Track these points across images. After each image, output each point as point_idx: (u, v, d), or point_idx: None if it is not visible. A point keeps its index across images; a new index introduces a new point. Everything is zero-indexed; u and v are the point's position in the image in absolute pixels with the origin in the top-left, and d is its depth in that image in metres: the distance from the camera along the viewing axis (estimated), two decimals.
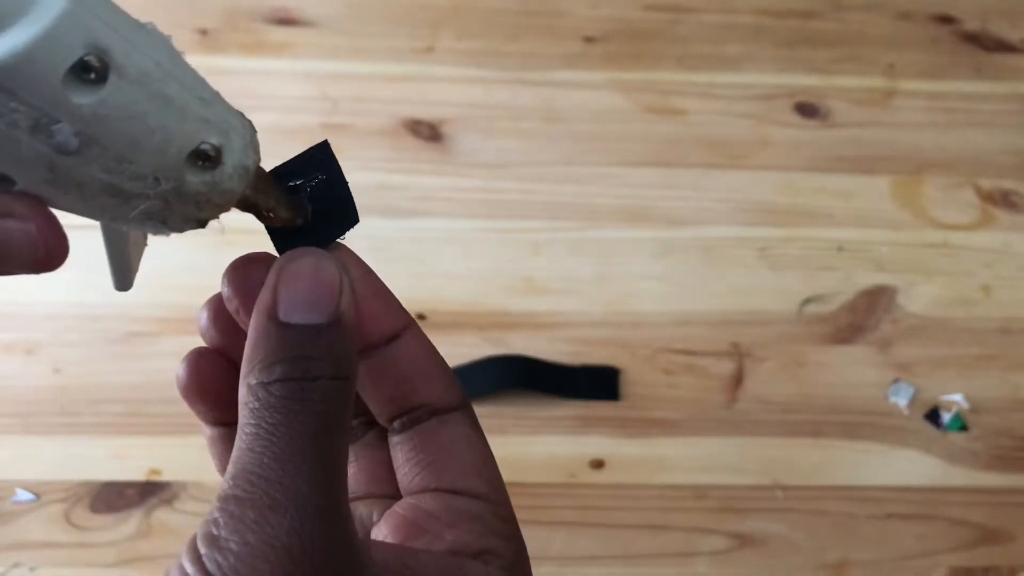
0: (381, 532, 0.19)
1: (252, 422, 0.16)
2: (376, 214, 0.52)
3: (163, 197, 0.17)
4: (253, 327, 0.18)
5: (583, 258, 0.51)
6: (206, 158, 0.17)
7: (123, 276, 0.21)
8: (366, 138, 0.56)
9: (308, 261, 0.18)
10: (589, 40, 0.63)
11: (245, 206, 0.19)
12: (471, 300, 0.49)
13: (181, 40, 0.18)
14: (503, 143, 0.56)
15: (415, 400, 0.20)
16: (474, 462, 0.20)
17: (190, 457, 0.43)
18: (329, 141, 0.21)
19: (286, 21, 0.63)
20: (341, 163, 0.21)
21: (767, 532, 0.42)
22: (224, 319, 0.20)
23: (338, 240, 0.20)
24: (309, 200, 0.20)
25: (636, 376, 0.47)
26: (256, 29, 0.62)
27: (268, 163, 0.49)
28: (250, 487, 0.16)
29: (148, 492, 0.42)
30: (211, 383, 0.20)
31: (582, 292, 0.50)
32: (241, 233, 0.58)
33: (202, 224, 0.18)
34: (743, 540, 0.42)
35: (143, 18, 0.17)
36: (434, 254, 0.51)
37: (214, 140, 0.17)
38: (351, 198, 0.21)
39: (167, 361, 0.46)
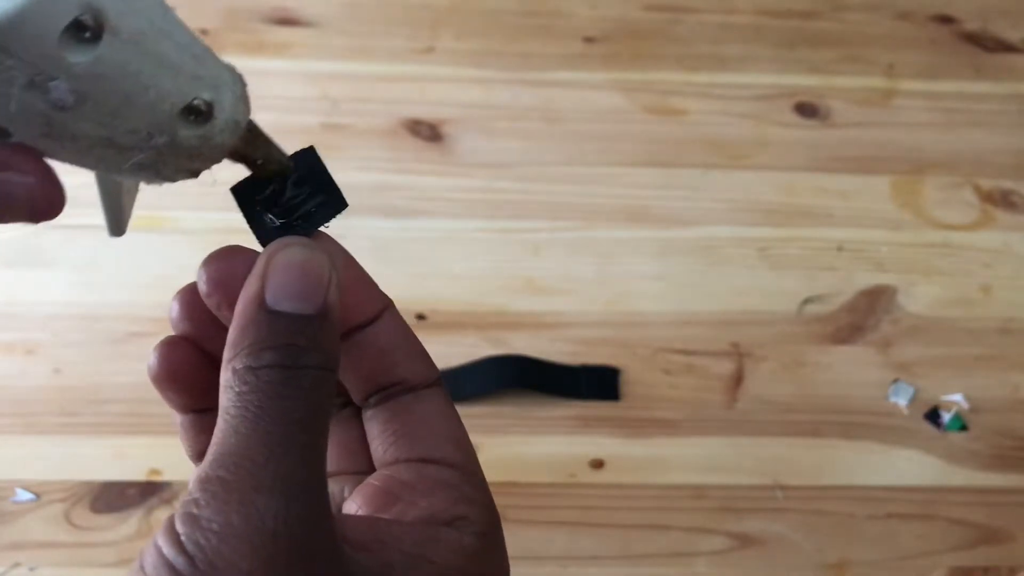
0: (353, 505, 0.19)
1: (238, 405, 0.16)
2: (376, 214, 0.52)
3: (156, 150, 0.17)
4: (240, 313, 0.17)
5: (583, 258, 0.51)
6: (198, 113, 0.17)
7: (116, 222, 0.21)
8: (366, 138, 0.56)
9: (297, 251, 0.18)
10: (589, 40, 0.63)
11: (236, 157, 0.20)
12: (471, 300, 0.49)
13: None
14: (503, 143, 0.56)
15: (393, 377, 0.20)
16: (448, 433, 0.21)
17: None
18: (317, 146, 0.21)
19: (286, 21, 0.63)
20: (342, 163, 0.21)
21: (767, 532, 0.42)
22: (196, 309, 0.20)
23: (321, 228, 0.20)
24: (293, 186, 0.20)
25: (636, 376, 0.47)
26: (256, 29, 0.62)
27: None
28: (235, 468, 0.16)
29: (148, 492, 0.42)
30: (183, 371, 0.20)
31: (582, 292, 0.50)
32: (241, 233, 0.58)
33: (195, 174, 0.19)
34: (743, 540, 0.42)
35: None
36: (434, 254, 0.51)
37: (206, 96, 0.17)
38: (334, 184, 0.20)
39: None
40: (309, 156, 0.21)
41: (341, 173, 0.62)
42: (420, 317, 0.48)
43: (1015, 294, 0.51)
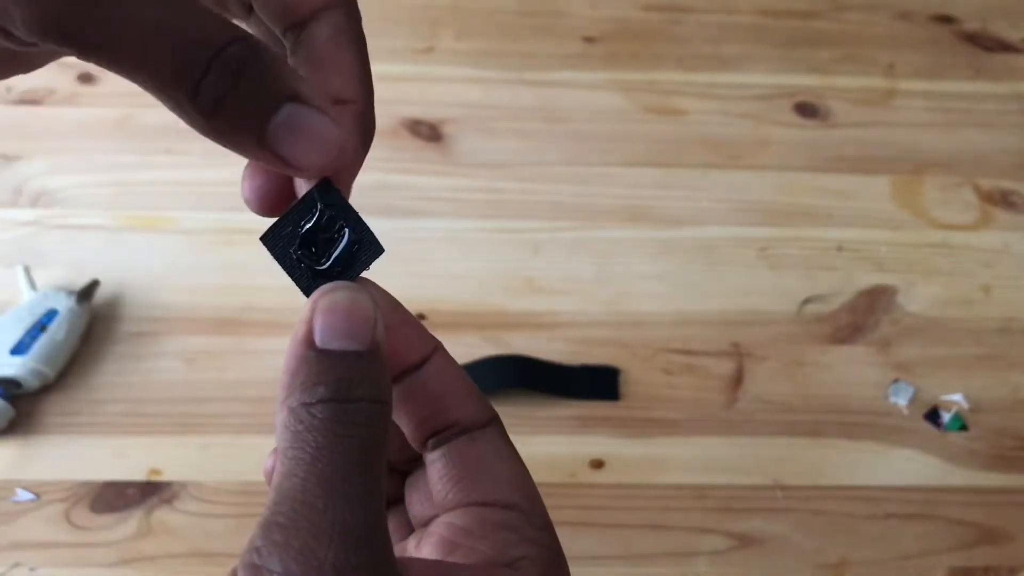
0: (419, 554, 0.20)
1: (295, 446, 0.16)
2: (376, 214, 0.52)
3: None
4: (290, 356, 0.18)
5: (583, 258, 0.51)
6: None
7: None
8: None
9: (342, 294, 0.18)
10: (589, 40, 0.63)
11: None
12: (471, 300, 0.49)
13: None
14: (503, 143, 0.56)
15: (447, 420, 0.21)
16: (505, 474, 0.20)
17: (190, 457, 0.43)
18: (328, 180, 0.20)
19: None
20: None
21: (767, 532, 0.42)
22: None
23: (363, 274, 0.20)
24: (323, 227, 0.19)
25: (636, 376, 0.47)
26: None
27: None
28: (293, 514, 0.16)
29: (148, 492, 0.42)
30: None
31: (582, 292, 0.50)
32: (241, 233, 0.58)
33: None
34: (743, 540, 0.42)
35: None
36: (434, 254, 0.51)
37: None
38: (368, 229, 0.20)
39: (167, 361, 0.46)
40: (332, 194, 0.19)
41: None
42: (420, 317, 0.48)
43: (1015, 294, 0.51)
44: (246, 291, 0.48)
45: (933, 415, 0.46)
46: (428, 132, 0.57)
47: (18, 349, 0.43)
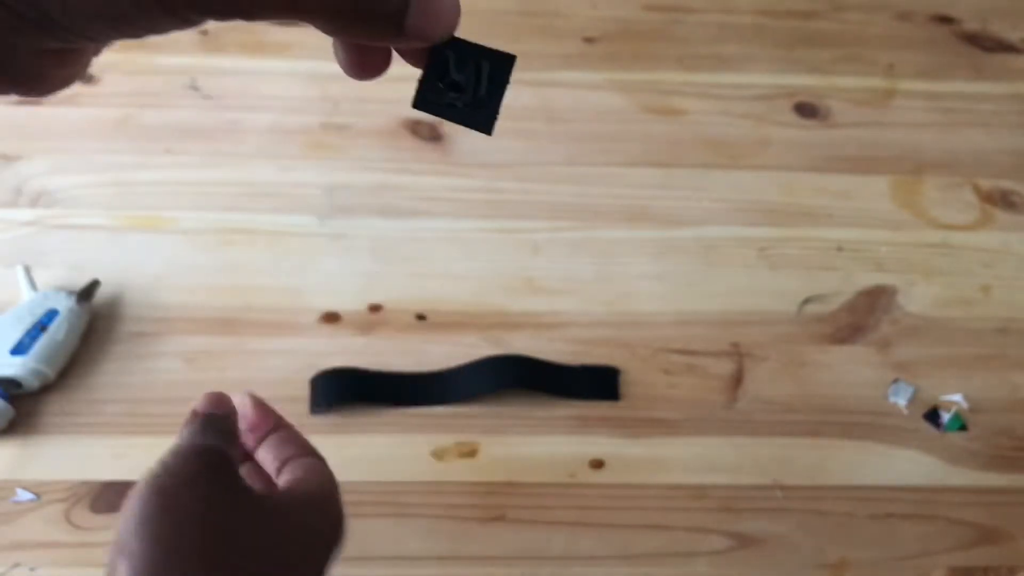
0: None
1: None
2: (376, 214, 0.52)
3: None
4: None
5: (583, 258, 0.51)
6: None
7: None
8: (366, 138, 0.56)
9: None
10: (589, 40, 0.63)
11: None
12: (471, 300, 0.49)
13: (181, 41, 0.18)
14: (503, 143, 0.56)
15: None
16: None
17: None
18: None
19: (287, 22, 0.63)
20: (342, 163, 0.21)
21: (767, 532, 0.42)
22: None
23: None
24: (457, 71, 0.21)
25: (636, 376, 0.47)
26: (257, 29, 0.62)
27: (265, 168, 0.49)
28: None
29: None
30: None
31: (582, 292, 0.50)
32: (239, 232, 0.58)
33: None
34: (743, 540, 0.42)
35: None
36: (434, 254, 0.51)
37: None
38: (494, 50, 0.21)
39: (168, 361, 0.46)
40: (459, 44, 0.21)
41: (342, 173, 0.62)
42: (420, 317, 0.48)
43: (1014, 294, 0.51)
44: (246, 291, 0.48)
45: (933, 415, 0.46)
46: (428, 132, 0.57)
47: (18, 349, 0.43)
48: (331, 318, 0.48)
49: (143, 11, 0.17)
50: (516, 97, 0.59)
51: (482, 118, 0.20)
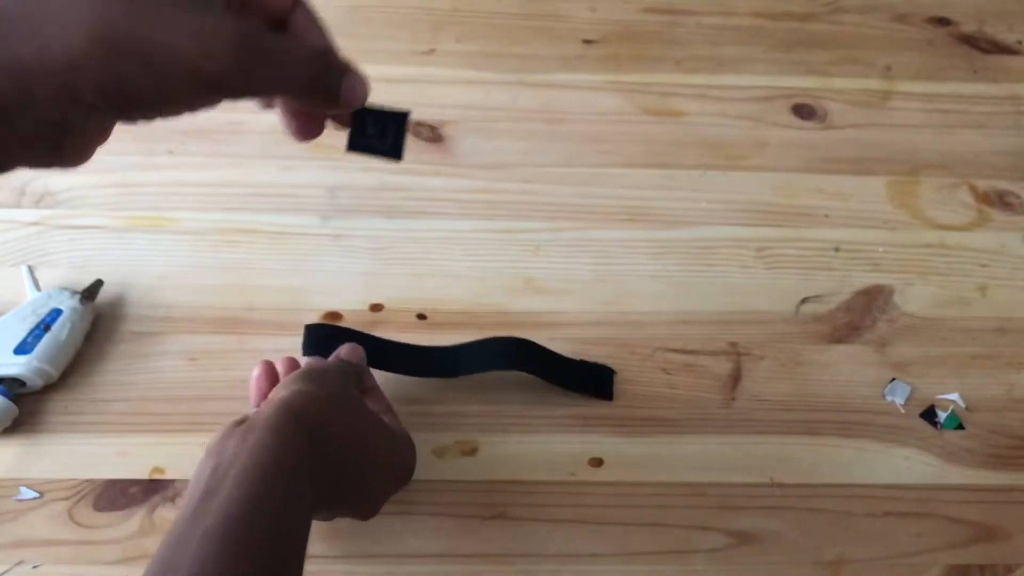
0: None
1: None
2: (377, 214, 0.53)
3: None
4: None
5: (582, 258, 0.52)
6: None
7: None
8: None
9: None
10: (588, 42, 0.63)
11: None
12: (471, 300, 0.49)
13: None
14: (503, 144, 0.57)
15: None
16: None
17: (193, 455, 0.43)
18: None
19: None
20: (343, 163, 0.25)
21: (764, 530, 0.43)
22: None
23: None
24: (373, 126, 0.30)
25: (635, 375, 0.47)
26: None
27: (267, 169, 0.50)
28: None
29: (151, 490, 0.42)
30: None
31: (581, 292, 0.50)
32: (242, 232, 0.58)
33: None
34: (741, 538, 0.42)
35: None
36: (435, 254, 0.51)
37: None
38: (395, 110, 0.30)
39: (170, 360, 0.46)
40: (373, 108, 0.30)
41: (343, 173, 0.62)
42: (420, 317, 0.49)
43: (1011, 294, 0.52)
44: (248, 291, 0.49)
45: (929, 414, 0.47)
46: (429, 133, 0.57)
47: (22, 348, 0.44)
48: (333, 317, 0.48)
49: (196, 94, 0.25)
50: (516, 98, 0.59)
51: (393, 151, 0.30)
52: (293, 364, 0.41)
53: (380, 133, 0.30)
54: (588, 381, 0.46)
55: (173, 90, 0.24)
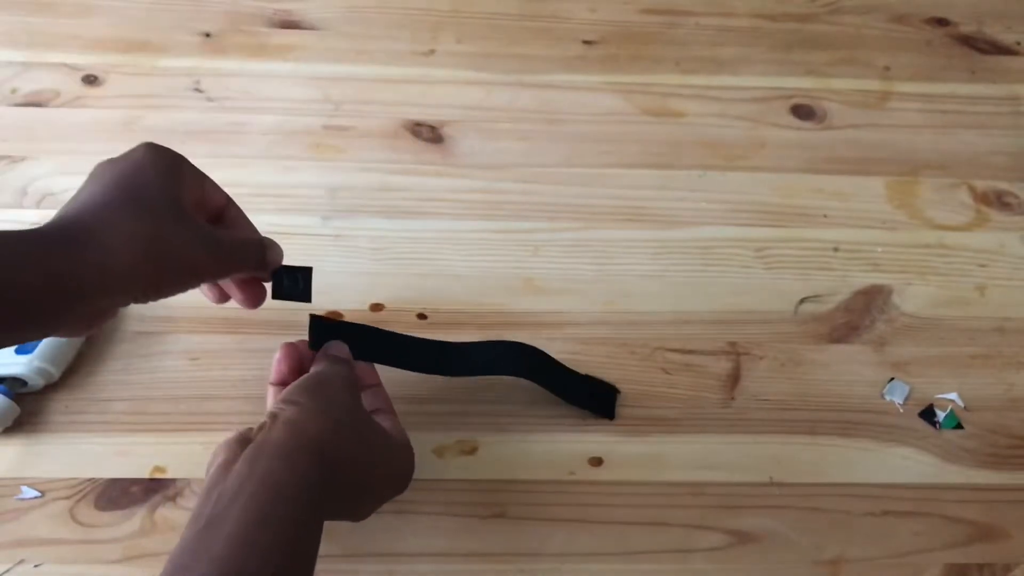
0: None
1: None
2: (377, 215, 0.53)
3: None
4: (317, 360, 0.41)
5: (582, 258, 0.52)
6: None
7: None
8: (368, 140, 0.57)
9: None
10: (588, 43, 0.63)
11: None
12: (471, 300, 0.50)
13: (185, 44, 0.18)
14: (503, 145, 0.57)
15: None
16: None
17: (194, 455, 0.43)
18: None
19: (289, 24, 0.63)
20: (344, 164, 0.26)
21: (764, 529, 0.43)
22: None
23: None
24: (287, 278, 0.41)
25: (634, 375, 0.47)
26: (259, 32, 0.63)
27: (268, 169, 0.50)
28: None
29: (152, 489, 0.42)
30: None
31: (581, 292, 0.50)
32: None
33: None
34: (740, 537, 0.43)
35: (147, 22, 0.18)
36: (435, 254, 0.51)
37: None
38: (301, 268, 0.41)
39: (171, 360, 0.47)
40: (290, 269, 0.41)
41: (343, 174, 0.62)
42: (421, 317, 0.49)
43: (1009, 294, 0.52)
44: None
45: (928, 413, 0.47)
46: (429, 134, 0.57)
47: (23, 348, 0.44)
48: (333, 317, 0.48)
49: (189, 284, 0.35)
50: (516, 99, 0.60)
51: (305, 296, 0.41)
52: (296, 355, 0.40)
53: (294, 283, 0.40)
54: (592, 398, 0.46)
55: (182, 285, 0.35)
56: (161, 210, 0.33)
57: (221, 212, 0.39)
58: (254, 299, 0.41)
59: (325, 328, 0.42)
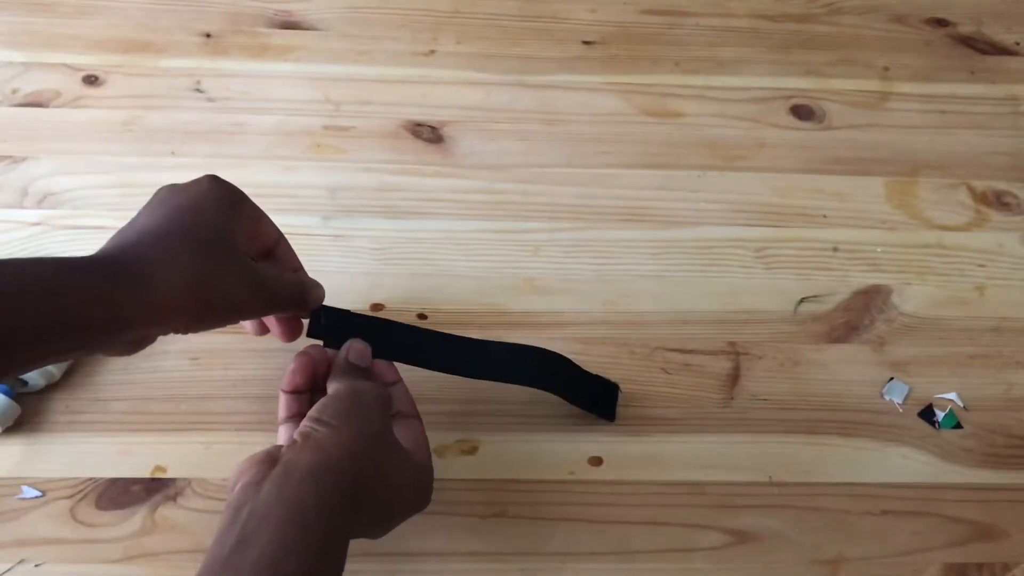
0: None
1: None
2: (377, 215, 0.53)
3: None
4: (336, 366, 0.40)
5: (582, 258, 0.52)
6: None
7: None
8: (368, 140, 0.57)
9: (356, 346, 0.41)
10: (588, 44, 0.63)
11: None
12: (471, 300, 0.50)
13: (185, 44, 0.19)
14: (503, 145, 0.57)
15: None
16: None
17: (195, 454, 0.43)
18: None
19: (289, 25, 0.63)
20: (344, 164, 0.26)
21: (763, 528, 0.43)
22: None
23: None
24: (324, 317, 0.41)
25: (634, 374, 0.47)
26: (260, 33, 0.63)
27: (269, 169, 0.50)
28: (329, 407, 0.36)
29: (153, 489, 0.42)
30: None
31: (581, 292, 0.50)
32: None
33: None
34: (739, 536, 0.43)
35: (148, 22, 0.18)
36: (435, 254, 0.52)
37: None
38: (338, 309, 0.41)
39: (172, 360, 0.47)
40: (327, 309, 0.41)
41: (344, 174, 0.63)
42: (421, 316, 0.49)
43: (1009, 294, 0.52)
44: None
45: (928, 413, 0.47)
46: (429, 134, 0.57)
47: None
48: None
49: (229, 320, 0.36)
50: (516, 99, 0.60)
51: (340, 340, 0.40)
52: (311, 365, 0.39)
53: (330, 325, 0.40)
54: (595, 402, 0.45)
55: (224, 321, 0.36)
56: (213, 247, 0.34)
57: (271, 249, 0.40)
58: (291, 333, 0.41)
59: (334, 317, 0.41)
